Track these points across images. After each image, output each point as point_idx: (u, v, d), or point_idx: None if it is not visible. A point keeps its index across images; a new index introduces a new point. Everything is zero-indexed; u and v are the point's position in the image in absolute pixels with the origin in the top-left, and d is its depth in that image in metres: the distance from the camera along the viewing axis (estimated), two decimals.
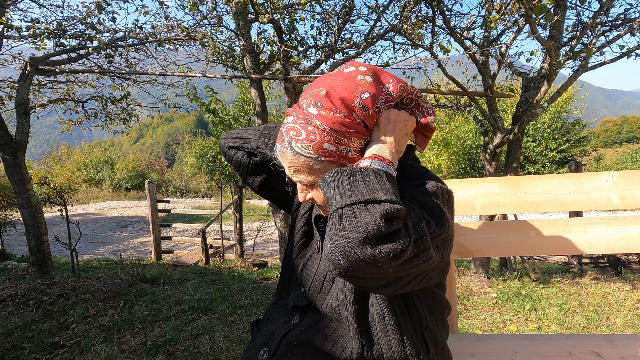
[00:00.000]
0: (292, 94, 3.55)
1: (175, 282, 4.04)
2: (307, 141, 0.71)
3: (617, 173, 1.12)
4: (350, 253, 0.54)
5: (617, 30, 3.54)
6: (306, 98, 0.73)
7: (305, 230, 0.93)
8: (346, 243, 0.55)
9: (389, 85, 0.73)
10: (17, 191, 3.66)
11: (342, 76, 0.72)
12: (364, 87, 0.70)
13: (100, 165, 20.37)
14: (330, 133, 0.70)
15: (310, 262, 0.89)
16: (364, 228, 0.54)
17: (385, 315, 0.75)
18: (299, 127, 0.73)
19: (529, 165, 15.75)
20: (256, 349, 0.84)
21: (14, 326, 2.69)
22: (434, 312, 0.82)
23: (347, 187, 0.61)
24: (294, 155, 0.74)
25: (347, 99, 0.69)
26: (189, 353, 2.32)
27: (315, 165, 0.74)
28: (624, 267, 3.98)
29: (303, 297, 0.87)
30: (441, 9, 3.27)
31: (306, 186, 0.79)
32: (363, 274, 0.57)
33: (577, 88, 15.81)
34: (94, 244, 9.24)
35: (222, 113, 5.97)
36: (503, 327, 2.74)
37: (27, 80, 3.67)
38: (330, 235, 0.58)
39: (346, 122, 0.70)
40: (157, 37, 4.38)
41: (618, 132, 43.89)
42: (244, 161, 0.99)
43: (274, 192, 1.03)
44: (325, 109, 0.70)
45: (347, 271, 0.56)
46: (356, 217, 0.56)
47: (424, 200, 0.67)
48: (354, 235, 0.54)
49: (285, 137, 0.75)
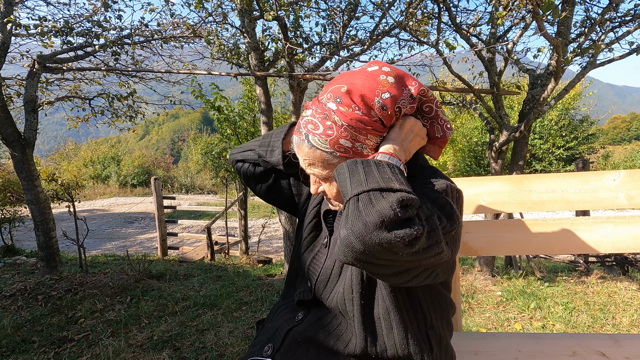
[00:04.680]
0: (297, 91, 3.55)
1: (181, 278, 4.07)
2: (324, 135, 0.73)
3: (624, 172, 1.11)
4: (367, 236, 0.54)
5: (626, 26, 3.49)
6: (326, 93, 0.74)
7: (314, 224, 0.94)
8: (363, 226, 0.55)
9: (411, 88, 0.75)
10: (26, 187, 3.71)
11: (365, 74, 0.73)
12: (385, 87, 0.71)
13: (107, 161, 20.54)
14: (347, 129, 0.71)
15: (318, 256, 0.90)
16: (381, 212, 0.55)
17: (390, 311, 0.75)
18: (317, 121, 0.74)
19: (535, 163, 15.60)
20: (260, 345, 0.85)
21: (24, 320, 2.74)
22: (438, 312, 0.82)
23: (363, 176, 0.62)
24: (310, 148, 0.75)
25: (367, 97, 0.70)
26: (195, 348, 2.34)
27: (330, 160, 0.75)
28: (631, 266, 3.94)
29: (309, 292, 0.88)
30: (447, 6, 3.24)
31: (319, 179, 0.81)
32: (377, 260, 0.57)
33: (586, 84, 15.58)
34: (101, 239, 9.35)
35: (227, 110, 5.99)
36: (507, 325, 2.74)
37: (35, 78, 3.71)
38: (346, 220, 0.58)
39: (364, 119, 0.71)
40: (162, 35, 4.40)
41: (627, 130, 43.27)
42: (250, 171, 1.04)
43: (280, 199, 1.06)
44: (344, 105, 0.71)
45: (362, 255, 0.56)
46: (372, 203, 0.57)
47: (434, 197, 0.68)
48: (371, 219, 0.55)
49: (303, 129, 0.76)
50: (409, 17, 3.48)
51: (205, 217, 10.70)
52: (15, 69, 4.57)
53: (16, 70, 4.59)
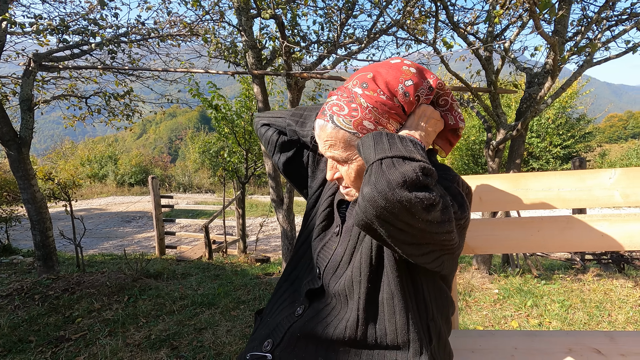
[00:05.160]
0: (295, 90, 3.54)
1: (179, 277, 4.07)
2: (349, 116, 0.76)
3: (620, 170, 1.11)
4: (389, 193, 0.57)
5: (622, 25, 3.50)
6: (352, 80, 0.79)
7: (327, 213, 0.95)
8: (386, 183, 0.58)
9: (430, 80, 0.79)
10: (22, 187, 3.69)
11: (389, 65, 0.79)
12: (407, 75, 0.76)
13: (104, 160, 20.45)
14: (371, 111, 0.75)
15: (329, 244, 0.91)
16: (404, 173, 0.59)
17: (394, 296, 0.76)
18: (342, 104, 0.78)
19: (532, 161, 15.66)
20: (260, 340, 0.85)
21: (20, 320, 2.73)
22: (439, 307, 0.83)
23: (387, 145, 0.66)
24: (333, 129, 0.78)
25: (391, 84, 0.76)
26: (192, 347, 2.34)
27: (352, 141, 0.78)
28: (627, 263, 3.96)
29: (317, 279, 0.88)
30: (444, 4, 3.24)
31: (338, 161, 0.83)
32: (396, 220, 0.59)
33: (583, 83, 15.65)
34: (98, 239, 9.32)
35: (224, 109, 5.97)
36: (504, 323, 2.75)
37: (30, 77, 3.69)
38: (369, 179, 0.61)
39: (388, 103, 0.75)
40: (159, 33, 4.38)
41: (624, 128, 43.49)
42: (273, 138, 1.04)
43: (296, 173, 1.07)
44: (370, 90, 0.76)
45: (383, 212, 0.58)
46: (395, 167, 0.61)
47: (447, 185, 0.73)
48: (394, 178, 0.58)
49: (327, 111, 0.79)
50: (406, 15, 3.48)
51: (203, 216, 10.68)
52: (11, 68, 4.54)
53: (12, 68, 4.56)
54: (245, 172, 6.69)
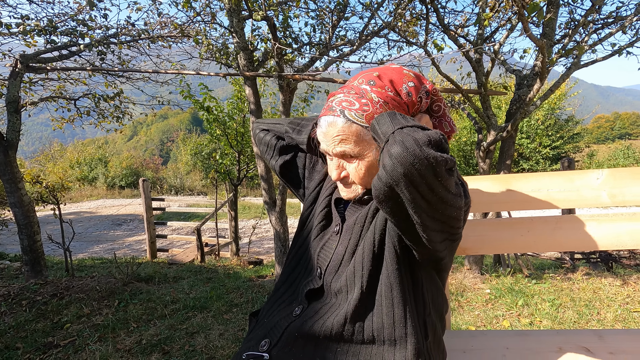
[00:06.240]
0: (287, 91, 3.54)
1: (171, 280, 4.02)
2: (361, 110, 0.77)
3: (607, 171, 1.13)
4: (417, 149, 0.59)
5: (608, 28, 3.57)
6: (358, 79, 0.82)
7: (325, 213, 0.96)
8: (414, 141, 0.60)
9: (426, 85, 0.83)
10: (9, 190, 3.62)
11: (391, 68, 0.83)
12: (409, 78, 0.81)
13: (94, 163, 20.16)
14: (383, 106, 0.77)
15: (329, 243, 0.91)
16: (428, 134, 0.61)
17: (393, 289, 0.76)
18: (352, 99, 0.79)
19: (522, 162, 15.87)
20: (257, 339, 0.84)
21: (7, 326, 2.67)
22: (436, 305, 0.84)
23: (403, 119, 0.68)
24: (345, 123, 0.78)
25: (396, 83, 0.79)
26: (184, 352, 2.32)
27: (364, 136, 0.79)
28: (615, 262, 4.03)
29: (318, 279, 0.88)
30: (435, 7, 3.27)
31: (349, 157, 0.82)
32: (422, 181, 0.59)
33: (571, 85, 15.92)
34: (88, 242, 9.18)
35: (216, 110, 5.93)
36: (496, 322, 2.77)
37: (17, 78, 3.62)
38: (394, 139, 0.62)
39: (397, 99, 0.78)
40: (149, 34, 4.33)
41: (611, 129, 44.35)
42: (272, 142, 1.09)
43: (292, 176, 1.11)
44: (378, 86, 0.79)
45: (412, 169, 0.59)
46: (417, 131, 0.63)
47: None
48: (420, 137, 0.60)
49: (337, 107, 0.80)
50: (397, 17, 3.50)
51: (195, 219, 10.59)
52: None
53: None
54: (237, 174, 6.65)
